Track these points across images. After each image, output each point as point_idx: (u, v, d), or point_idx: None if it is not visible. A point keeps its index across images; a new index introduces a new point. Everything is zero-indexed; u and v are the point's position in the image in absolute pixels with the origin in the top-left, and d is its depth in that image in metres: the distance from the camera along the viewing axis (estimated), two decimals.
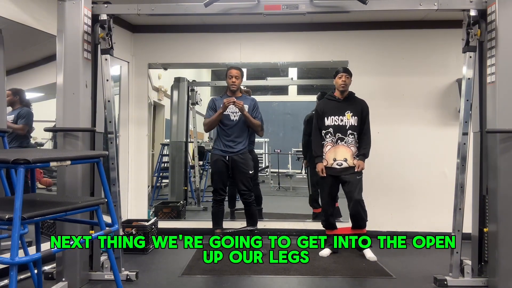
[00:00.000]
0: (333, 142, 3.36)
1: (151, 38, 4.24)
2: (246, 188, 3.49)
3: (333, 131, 3.37)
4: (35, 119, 3.85)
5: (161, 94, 7.54)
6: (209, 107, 3.55)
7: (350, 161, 3.33)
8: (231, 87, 3.49)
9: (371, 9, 2.73)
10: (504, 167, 2.50)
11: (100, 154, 2.15)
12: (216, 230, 3.55)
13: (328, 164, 3.36)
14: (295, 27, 4.14)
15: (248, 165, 3.50)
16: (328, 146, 3.38)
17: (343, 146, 3.35)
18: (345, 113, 3.38)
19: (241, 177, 3.47)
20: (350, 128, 3.35)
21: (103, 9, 2.73)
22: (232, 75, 3.48)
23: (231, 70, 3.50)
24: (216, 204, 3.54)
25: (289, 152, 10.33)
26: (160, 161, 6.55)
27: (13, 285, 1.54)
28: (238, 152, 3.47)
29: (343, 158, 3.33)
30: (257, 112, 3.58)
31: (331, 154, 3.36)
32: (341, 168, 3.33)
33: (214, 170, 3.57)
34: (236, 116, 3.48)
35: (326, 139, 3.39)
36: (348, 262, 3.23)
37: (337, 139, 3.36)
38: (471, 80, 2.63)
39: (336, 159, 3.34)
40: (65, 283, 2.55)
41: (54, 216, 1.77)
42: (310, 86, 11.06)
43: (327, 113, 3.41)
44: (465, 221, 2.66)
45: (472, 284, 2.65)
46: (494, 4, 2.54)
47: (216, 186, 3.52)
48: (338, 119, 3.37)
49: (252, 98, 3.65)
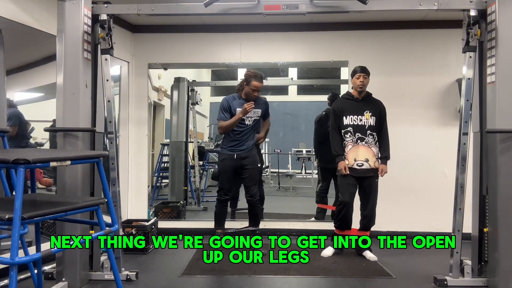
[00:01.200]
0: (353, 141, 3.31)
1: (151, 38, 4.24)
2: (253, 183, 3.48)
3: (353, 131, 3.31)
4: (35, 119, 3.86)
5: (161, 94, 7.55)
6: (223, 108, 3.47)
7: (371, 162, 3.28)
8: (252, 98, 3.43)
9: (371, 9, 2.73)
10: (504, 167, 2.51)
11: (100, 154, 2.15)
12: (218, 230, 3.55)
13: (349, 164, 3.30)
14: (295, 27, 4.13)
15: (255, 160, 3.52)
16: (349, 146, 3.31)
17: (363, 146, 3.29)
18: (364, 113, 3.33)
19: (249, 171, 3.47)
20: (369, 128, 3.31)
21: (103, 9, 2.73)
22: (256, 89, 3.40)
23: (257, 84, 3.39)
24: (219, 204, 3.53)
25: (289, 152, 10.33)
26: (160, 161, 6.55)
27: (13, 285, 1.54)
28: (246, 149, 3.47)
29: (365, 158, 3.28)
30: (267, 112, 3.66)
31: (352, 154, 3.30)
32: (361, 169, 3.28)
33: (221, 169, 3.56)
34: (250, 121, 3.47)
35: (346, 139, 3.33)
36: (348, 262, 3.24)
37: (357, 138, 3.30)
38: (471, 80, 2.63)
39: (356, 159, 3.28)
40: (65, 283, 2.55)
41: (54, 216, 1.77)
42: (310, 86, 11.08)
43: (345, 112, 3.35)
44: (465, 221, 2.66)
45: (472, 284, 2.65)
46: (494, 4, 2.53)
47: (221, 186, 3.52)
48: (357, 118, 3.32)
49: (265, 102, 3.63)
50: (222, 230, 3.57)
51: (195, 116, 6.15)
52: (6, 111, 3.60)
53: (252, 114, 3.47)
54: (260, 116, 3.54)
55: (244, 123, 3.46)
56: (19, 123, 3.73)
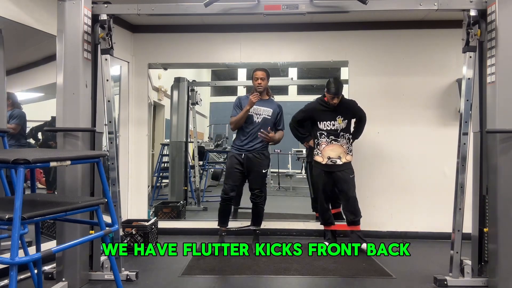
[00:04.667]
0: (327, 142, 3.55)
1: (151, 38, 4.24)
2: (258, 187, 3.52)
3: (327, 134, 3.56)
4: (35, 119, 3.86)
5: (161, 94, 7.55)
6: (236, 105, 3.56)
7: (343, 159, 3.51)
8: (257, 89, 3.47)
9: (371, 9, 2.73)
10: (504, 167, 2.51)
11: (100, 154, 2.15)
12: (221, 228, 3.58)
13: (323, 161, 3.52)
14: (295, 27, 4.13)
15: (262, 164, 3.51)
16: (323, 145, 3.55)
17: (336, 144, 3.54)
18: (337, 118, 3.57)
19: (254, 175, 3.50)
20: (342, 131, 3.56)
21: (103, 9, 2.73)
22: (258, 77, 3.48)
23: (256, 72, 3.51)
24: (223, 202, 3.54)
25: (289, 152, 10.32)
26: (160, 161, 6.55)
27: (13, 285, 1.54)
28: (254, 150, 3.47)
29: (337, 156, 3.52)
30: (281, 119, 3.62)
31: (326, 152, 3.52)
32: (335, 165, 3.52)
33: (227, 167, 3.63)
34: (259, 118, 3.49)
35: (321, 139, 3.57)
36: (348, 262, 3.23)
37: (331, 140, 3.54)
38: (471, 80, 2.63)
39: (330, 157, 3.51)
40: (65, 283, 2.55)
41: (54, 216, 1.77)
42: (310, 86, 11.06)
43: (319, 118, 3.59)
44: (465, 221, 2.65)
45: (472, 284, 2.65)
46: (494, 4, 2.54)
47: (225, 182, 3.54)
48: (331, 123, 3.57)
49: (279, 105, 3.63)
50: (225, 229, 3.59)
51: (195, 116, 6.15)
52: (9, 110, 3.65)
53: (262, 112, 3.49)
54: (271, 117, 3.52)
55: (252, 119, 3.47)
56: (22, 123, 3.79)
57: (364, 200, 3.49)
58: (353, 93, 4.02)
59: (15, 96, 3.78)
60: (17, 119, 3.69)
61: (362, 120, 3.67)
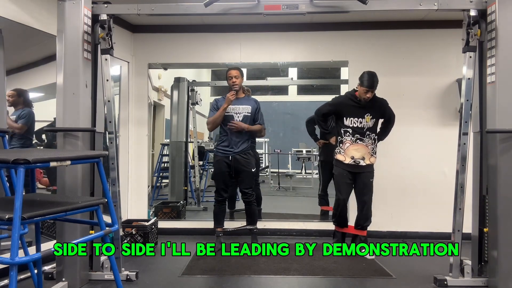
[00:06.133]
0: (351, 140, 3.39)
1: (151, 38, 4.24)
2: (248, 187, 3.54)
3: (352, 132, 3.39)
4: (35, 119, 3.85)
5: (161, 94, 7.55)
6: (212, 107, 3.57)
7: (367, 160, 3.38)
8: (233, 88, 3.49)
9: (371, 9, 2.73)
10: (504, 167, 2.50)
11: (100, 154, 2.15)
12: (217, 228, 3.60)
13: (346, 161, 3.40)
14: (295, 27, 4.13)
15: (250, 163, 3.53)
16: (347, 144, 3.40)
17: (361, 144, 3.38)
18: (365, 116, 3.39)
19: (243, 175, 3.51)
20: (368, 130, 3.40)
21: (103, 9, 2.73)
22: (232, 76, 3.50)
23: (230, 71, 3.54)
24: (217, 204, 3.59)
25: (289, 152, 10.33)
26: (160, 161, 6.55)
27: (13, 285, 1.54)
28: (241, 151, 3.49)
29: (361, 156, 3.37)
30: (259, 114, 3.60)
31: (350, 151, 3.38)
32: (358, 165, 3.38)
33: (216, 171, 3.60)
34: (240, 117, 3.50)
35: (345, 137, 3.41)
36: (348, 262, 3.23)
37: (356, 139, 3.39)
38: (471, 80, 2.63)
39: (354, 157, 3.37)
40: (65, 283, 2.55)
41: (54, 216, 1.77)
42: (310, 86, 11.07)
43: (346, 114, 3.40)
44: (465, 221, 2.65)
45: (472, 284, 2.65)
46: (494, 4, 2.53)
47: (218, 187, 3.57)
48: (358, 121, 3.38)
49: (256, 100, 3.65)
50: (221, 229, 3.62)
51: (195, 116, 6.14)
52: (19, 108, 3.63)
53: (241, 110, 3.51)
54: (250, 114, 3.54)
55: (233, 119, 3.49)
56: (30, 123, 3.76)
57: None
58: None
59: (27, 94, 3.72)
60: (24, 119, 3.64)
61: (390, 122, 3.50)
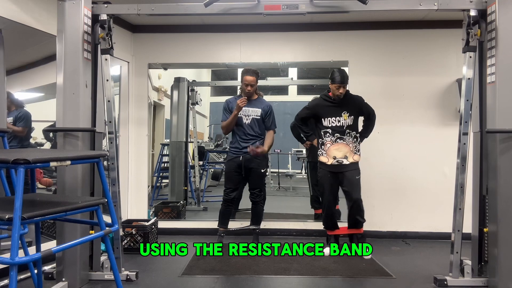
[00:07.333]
0: (331, 141, 3.40)
1: (151, 38, 4.24)
2: (258, 188, 3.55)
3: (332, 132, 3.40)
4: (35, 119, 3.86)
5: (161, 94, 7.55)
6: (224, 109, 3.57)
7: (350, 158, 3.37)
8: (246, 94, 3.48)
9: (371, 9, 2.73)
10: (504, 167, 2.50)
11: (100, 154, 2.15)
12: (220, 228, 3.61)
13: (329, 162, 3.39)
14: (295, 27, 4.13)
15: (260, 164, 3.52)
16: (327, 144, 3.41)
17: (342, 144, 3.39)
18: (342, 114, 3.41)
19: (253, 175, 3.52)
20: (348, 128, 3.40)
21: (103, 9, 2.73)
22: (248, 83, 3.46)
23: (246, 77, 3.46)
24: (224, 204, 3.60)
25: (289, 152, 10.32)
26: (160, 161, 6.55)
27: (13, 285, 1.54)
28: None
29: (344, 156, 3.37)
30: (270, 119, 3.58)
31: (331, 152, 3.39)
32: (341, 165, 3.37)
33: (226, 170, 3.64)
34: (248, 120, 3.51)
35: (325, 138, 3.42)
36: (348, 262, 3.23)
37: (336, 138, 3.39)
38: (471, 80, 2.63)
39: (336, 157, 3.37)
40: (65, 283, 2.55)
41: (54, 216, 1.77)
42: (310, 86, 11.06)
43: (323, 114, 3.44)
44: (465, 221, 2.66)
45: (472, 284, 2.65)
46: (494, 4, 2.53)
47: (226, 185, 3.59)
48: (335, 120, 3.41)
49: (268, 104, 3.61)
50: (224, 229, 3.62)
51: (195, 116, 6.15)
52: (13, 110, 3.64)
53: (250, 112, 3.50)
54: (259, 117, 3.53)
55: (241, 122, 3.48)
56: (29, 125, 3.78)
57: (364, 200, 3.47)
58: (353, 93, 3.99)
59: (12, 95, 3.73)
60: (24, 121, 3.68)
61: (370, 117, 3.50)
